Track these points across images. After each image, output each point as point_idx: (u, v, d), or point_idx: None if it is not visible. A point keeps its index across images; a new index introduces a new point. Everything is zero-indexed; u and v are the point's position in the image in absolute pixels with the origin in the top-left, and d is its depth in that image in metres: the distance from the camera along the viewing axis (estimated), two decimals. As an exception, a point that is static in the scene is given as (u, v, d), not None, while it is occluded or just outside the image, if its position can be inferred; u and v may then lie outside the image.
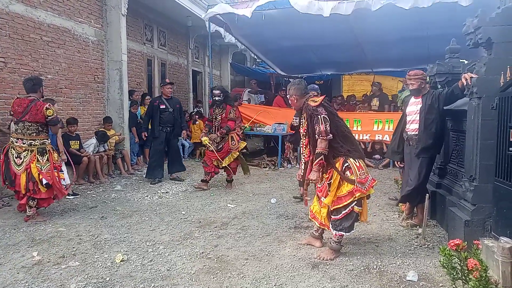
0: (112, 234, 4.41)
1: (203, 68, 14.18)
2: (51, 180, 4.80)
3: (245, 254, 3.82)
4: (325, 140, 3.57)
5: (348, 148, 3.67)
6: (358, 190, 3.58)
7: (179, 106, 7.63)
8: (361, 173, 3.63)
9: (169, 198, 6.18)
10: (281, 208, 5.55)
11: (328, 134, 3.57)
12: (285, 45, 10.95)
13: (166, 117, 7.33)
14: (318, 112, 3.62)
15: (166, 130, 7.38)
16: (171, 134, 7.46)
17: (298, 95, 3.86)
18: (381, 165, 9.30)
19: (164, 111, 7.31)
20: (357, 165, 3.65)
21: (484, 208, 3.62)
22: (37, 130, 4.81)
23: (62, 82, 7.35)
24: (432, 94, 4.46)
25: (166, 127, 7.36)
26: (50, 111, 4.77)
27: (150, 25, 10.65)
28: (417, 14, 7.82)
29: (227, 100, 6.70)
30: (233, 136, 6.63)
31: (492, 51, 3.69)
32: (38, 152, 4.80)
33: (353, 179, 3.58)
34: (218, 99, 6.58)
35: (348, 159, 3.65)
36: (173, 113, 7.38)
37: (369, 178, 3.70)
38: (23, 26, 6.43)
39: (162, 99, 7.41)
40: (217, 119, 6.62)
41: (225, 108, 6.60)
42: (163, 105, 7.33)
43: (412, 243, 4.11)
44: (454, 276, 2.82)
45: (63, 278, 3.28)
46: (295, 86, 3.91)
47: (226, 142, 6.58)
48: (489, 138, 3.61)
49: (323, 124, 3.56)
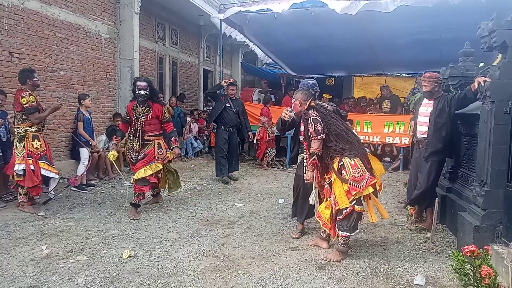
0: (120, 230, 4.44)
1: (214, 67, 14.21)
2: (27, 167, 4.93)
3: (251, 253, 3.82)
4: (317, 140, 3.66)
5: (342, 146, 3.69)
6: (354, 189, 3.56)
7: (243, 109, 7.64)
8: (355, 172, 3.59)
9: (177, 195, 6.20)
10: (288, 209, 5.50)
11: (319, 134, 3.66)
12: (296, 46, 10.92)
13: (229, 116, 7.30)
14: (308, 114, 3.78)
15: (229, 130, 7.35)
16: (233, 134, 7.44)
17: (304, 100, 3.95)
18: (391, 168, 9.22)
19: (229, 110, 7.29)
20: (351, 163, 3.62)
21: (494, 213, 3.57)
22: (21, 119, 5.02)
23: (75, 78, 7.43)
24: (444, 98, 4.41)
25: (228, 126, 7.34)
26: (24, 99, 4.90)
27: (162, 24, 10.70)
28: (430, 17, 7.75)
29: (154, 97, 5.19)
30: (160, 143, 5.17)
31: (506, 55, 3.63)
32: (18, 139, 5.00)
33: (347, 179, 3.57)
34: (144, 93, 5.04)
35: (343, 158, 3.66)
36: (236, 114, 7.39)
37: (366, 177, 3.63)
38: (37, 23, 6.52)
39: (228, 99, 7.38)
40: (139, 120, 5.08)
41: (150, 106, 5.11)
42: (228, 104, 7.31)
43: (420, 247, 4.07)
44: (466, 282, 2.78)
45: (71, 272, 3.31)
46: (302, 92, 4.04)
47: (151, 149, 5.09)
48: (501, 143, 3.56)
49: (313, 125, 3.69)
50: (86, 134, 6.59)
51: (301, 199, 4.33)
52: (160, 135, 5.24)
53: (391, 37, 9.44)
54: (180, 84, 11.77)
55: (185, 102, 11.22)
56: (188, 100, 12.00)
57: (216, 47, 13.80)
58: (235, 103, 7.42)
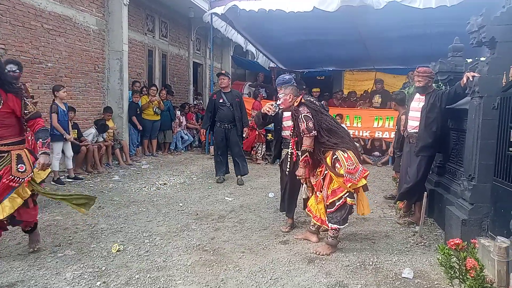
0: (109, 224, 4.41)
1: (204, 60, 14.12)
2: None
3: (241, 247, 3.82)
4: (309, 137, 3.69)
5: (335, 141, 3.73)
6: (348, 181, 3.59)
7: (239, 100, 6.84)
8: (349, 164, 3.63)
9: (166, 189, 6.17)
10: (278, 203, 5.52)
11: (311, 131, 3.68)
12: (287, 40, 10.87)
13: (224, 112, 6.70)
14: (299, 111, 3.77)
15: (225, 127, 6.75)
16: (230, 131, 6.77)
17: (294, 95, 3.94)
18: (380, 162, 9.30)
19: (222, 106, 6.70)
20: (345, 156, 3.66)
21: (482, 207, 3.62)
22: None
23: (62, 70, 7.32)
24: (436, 93, 4.44)
25: (224, 123, 6.74)
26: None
27: (151, 16, 10.58)
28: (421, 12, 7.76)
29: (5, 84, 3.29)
30: (20, 154, 3.33)
31: (495, 51, 3.66)
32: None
33: (341, 173, 3.59)
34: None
35: (336, 152, 3.69)
36: (232, 108, 6.70)
37: (360, 169, 3.69)
38: (24, 13, 6.39)
39: (221, 93, 6.77)
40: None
41: None
42: (221, 99, 6.71)
43: (408, 241, 4.11)
44: (452, 275, 2.82)
45: (58, 267, 3.28)
46: (293, 87, 4.02)
47: (6, 167, 3.24)
48: (489, 138, 3.59)
49: (304, 122, 3.70)
50: (60, 127, 6.28)
51: (289, 194, 4.35)
52: (21, 142, 3.41)
53: (381, 31, 9.44)
54: (170, 77, 11.68)
55: (175, 96, 11.14)
56: (178, 93, 11.92)
57: (206, 40, 13.71)
58: (229, 96, 6.73)
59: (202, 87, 14.19)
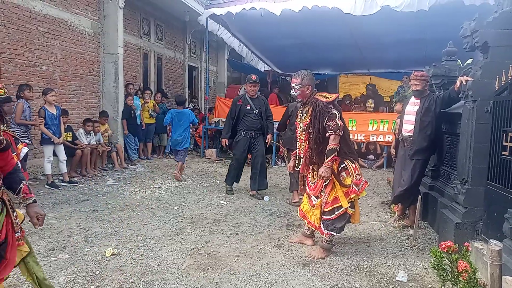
0: (103, 227, 4.39)
1: (199, 64, 14.13)
2: None
3: (236, 251, 3.81)
4: (338, 136, 3.54)
5: (345, 150, 3.68)
6: (353, 192, 3.59)
7: (266, 108, 6.23)
8: (357, 175, 3.65)
9: (161, 193, 6.16)
10: (273, 206, 5.55)
11: (339, 129, 3.53)
12: (282, 43, 10.95)
13: (251, 120, 6.04)
14: (330, 108, 3.59)
15: (251, 136, 6.11)
16: (256, 140, 6.13)
17: (312, 86, 3.77)
18: (374, 166, 9.33)
19: (249, 113, 6.06)
20: (353, 166, 3.67)
21: (475, 211, 3.65)
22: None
23: (57, 73, 7.30)
24: (430, 97, 4.47)
25: (250, 131, 6.09)
26: None
27: (147, 19, 10.58)
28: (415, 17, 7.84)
29: None
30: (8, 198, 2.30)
31: (488, 55, 3.70)
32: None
33: (347, 183, 3.59)
34: None
35: (345, 160, 3.66)
36: (259, 116, 6.09)
37: (363, 180, 3.72)
38: (18, 16, 6.38)
39: (247, 98, 6.10)
40: None
41: None
42: (248, 105, 6.06)
43: (403, 244, 4.12)
44: (444, 278, 2.83)
45: (52, 271, 3.26)
46: (310, 77, 3.78)
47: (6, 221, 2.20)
48: (482, 142, 3.62)
49: (334, 120, 3.52)
50: (48, 131, 6.17)
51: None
52: None
53: (376, 35, 9.53)
54: (165, 81, 11.68)
55: (170, 99, 11.13)
56: (173, 96, 11.89)
57: (202, 43, 13.72)
58: (256, 102, 6.08)
59: (197, 90, 14.19)
